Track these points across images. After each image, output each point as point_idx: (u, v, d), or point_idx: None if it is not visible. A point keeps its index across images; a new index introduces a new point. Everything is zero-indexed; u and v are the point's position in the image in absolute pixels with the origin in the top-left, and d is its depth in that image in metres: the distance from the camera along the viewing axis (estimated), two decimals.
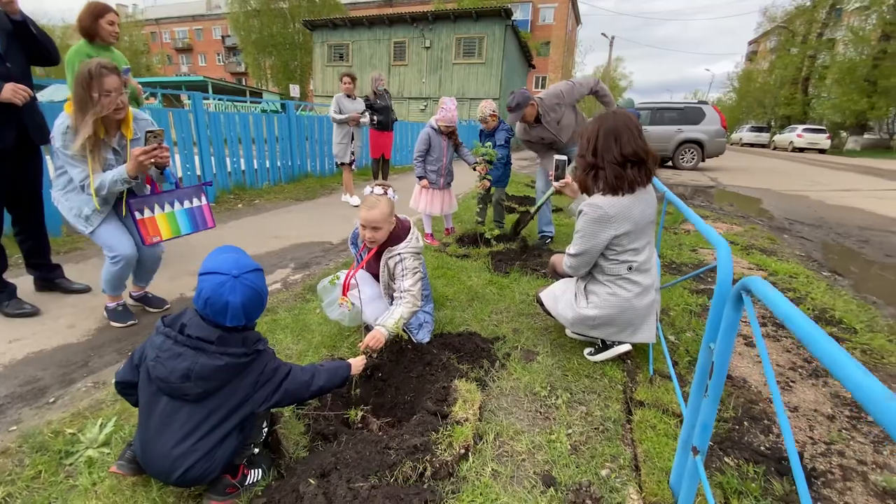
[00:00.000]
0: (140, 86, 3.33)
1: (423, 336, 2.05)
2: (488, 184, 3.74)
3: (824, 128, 25.30)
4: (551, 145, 3.71)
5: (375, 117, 6.34)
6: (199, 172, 5.47)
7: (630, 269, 1.80)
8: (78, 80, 1.99)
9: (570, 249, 1.89)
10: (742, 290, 0.97)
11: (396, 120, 6.58)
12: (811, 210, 6.69)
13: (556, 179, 2.26)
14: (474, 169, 3.76)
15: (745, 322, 2.55)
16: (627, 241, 1.77)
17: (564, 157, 2.34)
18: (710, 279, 3.30)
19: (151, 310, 2.58)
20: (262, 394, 1.26)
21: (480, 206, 4.27)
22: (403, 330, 1.90)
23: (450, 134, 3.71)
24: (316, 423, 1.54)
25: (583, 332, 1.98)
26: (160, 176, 2.30)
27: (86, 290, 2.77)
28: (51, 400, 1.77)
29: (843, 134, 27.32)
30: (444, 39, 21.22)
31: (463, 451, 1.40)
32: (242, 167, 6.13)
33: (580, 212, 1.82)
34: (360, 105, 5.51)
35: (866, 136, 26.96)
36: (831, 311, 2.67)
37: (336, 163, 5.79)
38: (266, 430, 1.40)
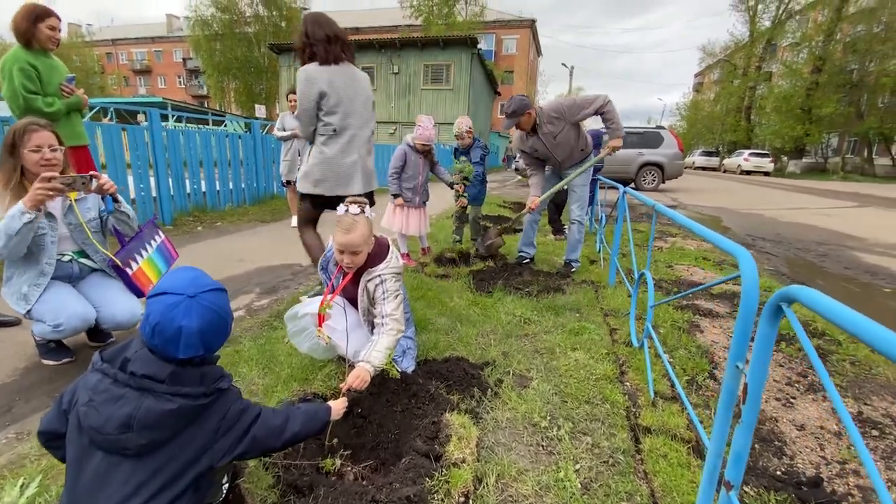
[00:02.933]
0: (86, 96, 3.06)
1: (408, 364, 1.87)
2: (465, 201, 3.65)
3: (768, 152, 27.28)
4: (546, 161, 3.60)
5: None
6: (154, 194, 5.11)
7: (335, 131, 2.36)
8: (3, 144, 1.84)
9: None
10: (782, 301, 0.87)
11: None
12: (768, 227, 7.01)
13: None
14: (451, 187, 3.67)
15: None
16: (329, 105, 2.31)
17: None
18: (691, 294, 3.29)
19: (93, 343, 2.26)
20: (225, 443, 1.04)
21: (457, 224, 4.16)
22: (392, 361, 1.72)
23: (426, 153, 3.61)
24: (287, 473, 1.32)
25: (310, 189, 2.45)
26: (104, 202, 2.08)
27: (14, 322, 2.42)
28: None
29: (784, 158, 29.56)
30: (413, 66, 21.60)
31: (462, 499, 1.21)
32: (203, 188, 5.79)
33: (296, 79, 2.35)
34: None
35: (804, 160, 29.28)
36: (813, 324, 2.69)
37: (282, 181, 5.42)
38: (227, 486, 1.17)
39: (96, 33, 50.59)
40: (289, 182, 5.32)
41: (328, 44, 2.26)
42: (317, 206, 2.55)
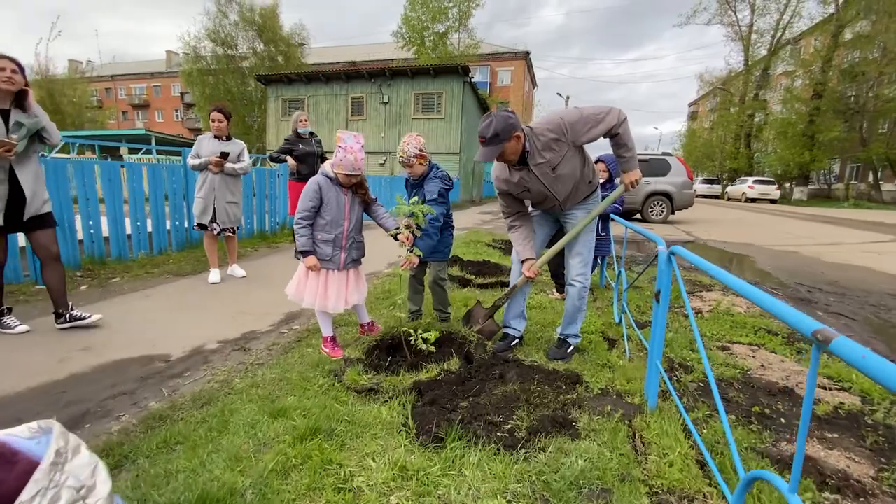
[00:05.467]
0: None
1: None
2: (417, 260, 2.37)
3: (773, 179, 26.44)
4: (537, 204, 2.46)
5: (297, 166, 5.13)
6: (22, 244, 3.85)
7: None
8: None
9: None
10: None
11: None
12: (813, 269, 5.74)
13: None
14: (395, 238, 2.41)
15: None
16: None
17: None
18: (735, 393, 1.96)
19: None
20: None
21: (413, 289, 2.89)
22: None
23: (355, 186, 2.38)
24: None
25: None
26: None
27: None
28: None
29: (787, 185, 28.71)
30: (403, 95, 20.95)
31: None
32: (105, 232, 4.55)
33: None
34: (233, 147, 4.12)
35: (809, 186, 28.45)
36: None
37: (194, 224, 4.22)
38: None
39: (97, 69, 51.10)
40: (202, 226, 4.08)
41: None
42: None
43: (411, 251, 2.36)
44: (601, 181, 3.65)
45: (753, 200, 25.14)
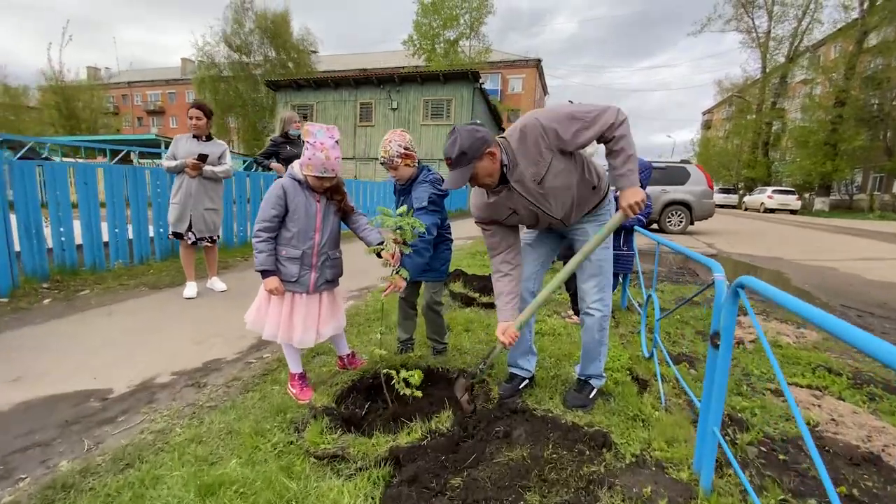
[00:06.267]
0: None
1: None
2: (403, 283, 1.93)
3: (794, 189, 25.62)
4: (534, 226, 1.98)
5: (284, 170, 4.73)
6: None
7: None
8: None
9: None
10: None
11: None
12: (858, 289, 5.17)
13: None
14: (379, 255, 1.97)
15: None
16: None
17: None
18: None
19: None
20: None
21: (403, 314, 2.45)
22: None
23: (330, 191, 1.96)
24: None
25: None
26: None
27: None
28: None
29: (807, 195, 27.80)
30: (412, 101, 20.72)
31: None
32: (79, 239, 4.19)
33: None
34: (213, 148, 3.71)
35: (830, 197, 27.51)
36: None
37: (169, 233, 3.83)
38: None
39: (115, 76, 52.17)
40: (178, 234, 3.70)
41: None
42: None
43: (397, 272, 1.93)
44: None
45: (773, 211, 24.33)
